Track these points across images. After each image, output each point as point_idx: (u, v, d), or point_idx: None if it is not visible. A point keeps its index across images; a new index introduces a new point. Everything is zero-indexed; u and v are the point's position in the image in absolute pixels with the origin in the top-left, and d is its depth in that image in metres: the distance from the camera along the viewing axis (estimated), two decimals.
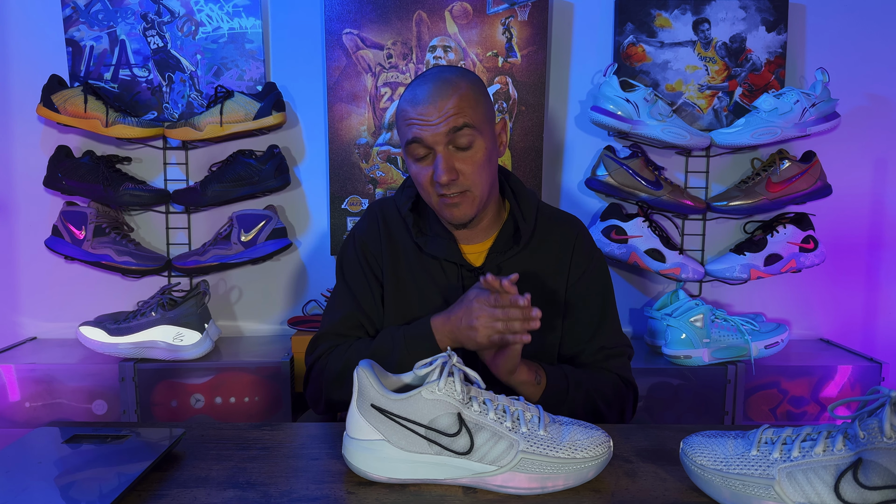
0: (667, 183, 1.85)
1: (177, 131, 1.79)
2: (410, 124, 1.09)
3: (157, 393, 1.69)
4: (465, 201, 1.11)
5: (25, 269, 1.93)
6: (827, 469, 0.70)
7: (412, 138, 1.09)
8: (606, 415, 1.15)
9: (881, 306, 2.04)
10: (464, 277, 1.18)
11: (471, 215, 1.13)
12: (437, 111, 1.07)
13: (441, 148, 1.08)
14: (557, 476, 0.78)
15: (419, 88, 1.10)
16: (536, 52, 1.87)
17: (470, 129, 1.08)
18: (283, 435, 0.95)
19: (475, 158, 1.10)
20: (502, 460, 0.78)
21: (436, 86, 1.09)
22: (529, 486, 0.78)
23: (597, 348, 1.19)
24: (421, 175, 1.12)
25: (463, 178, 1.09)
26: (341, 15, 1.84)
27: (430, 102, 1.08)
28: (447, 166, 1.08)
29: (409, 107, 1.10)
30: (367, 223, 1.26)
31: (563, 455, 0.78)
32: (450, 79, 1.10)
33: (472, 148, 1.10)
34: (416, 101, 1.09)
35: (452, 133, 1.07)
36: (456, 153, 1.09)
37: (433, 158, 1.10)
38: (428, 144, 1.08)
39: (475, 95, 1.11)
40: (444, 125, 1.07)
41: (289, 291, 1.97)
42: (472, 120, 1.08)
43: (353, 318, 1.20)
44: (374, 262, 1.22)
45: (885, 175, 1.99)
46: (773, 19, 1.88)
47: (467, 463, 0.78)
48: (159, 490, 0.78)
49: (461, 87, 1.09)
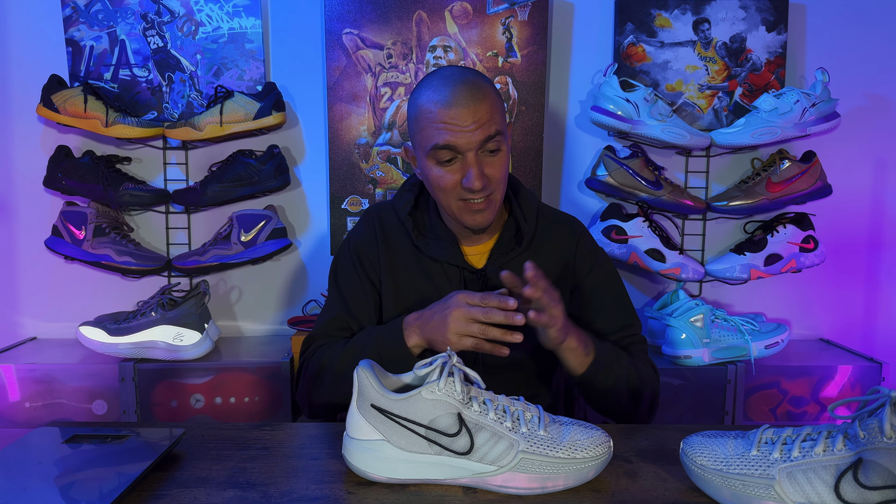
0: (667, 183, 1.85)
1: (177, 131, 1.79)
2: (442, 129, 1.06)
3: (157, 393, 1.69)
4: (489, 206, 1.11)
5: (25, 269, 1.93)
6: (827, 469, 0.70)
7: (443, 144, 1.06)
8: (643, 395, 1.14)
9: (881, 306, 2.04)
10: (466, 280, 1.18)
11: (492, 219, 1.14)
12: (472, 117, 1.05)
13: (472, 154, 1.07)
14: (557, 476, 0.78)
15: (447, 90, 1.07)
16: (536, 52, 1.86)
17: (500, 136, 1.08)
18: (283, 435, 0.95)
19: (502, 164, 1.10)
20: (502, 460, 0.78)
21: (468, 89, 1.07)
22: (529, 486, 0.78)
23: (621, 337, 1.20)
24: (445, 179, 1.09)
25: (490, 183, 1.09)
26: (341, 15, 1.84)
27: (465, 107, 1.05)
28: (480, 172, 1.07)
29: (436, 109, 1.07)
30: (364, 228, 1.25)
31: (563, 455, 0.78)
32: (478, 83, 1.09)
33: (501, 154, 1.10)
34: (446, 102, 1.06)
35: (486, 140, 1.07)
36: (485, 159, 1.09)
37: (460, 163, 1.08)
38: (460, 150, 1.07)
39: (500, 101, 1.11)
40: (479, 132, 1.06)
41: (289, 291, 1.97)
42: (501, 126, 1.09)
43: (342, 321, 1.20)
44: (371, 267, 1.21)
45: (885, 175, 1.99)
46: (773, 19, 1.88)
47: (467, 463, 0.78)
48: (159, 490, 0.78)
49: (490, 92, 1.09)
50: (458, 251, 1.18)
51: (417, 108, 1.10)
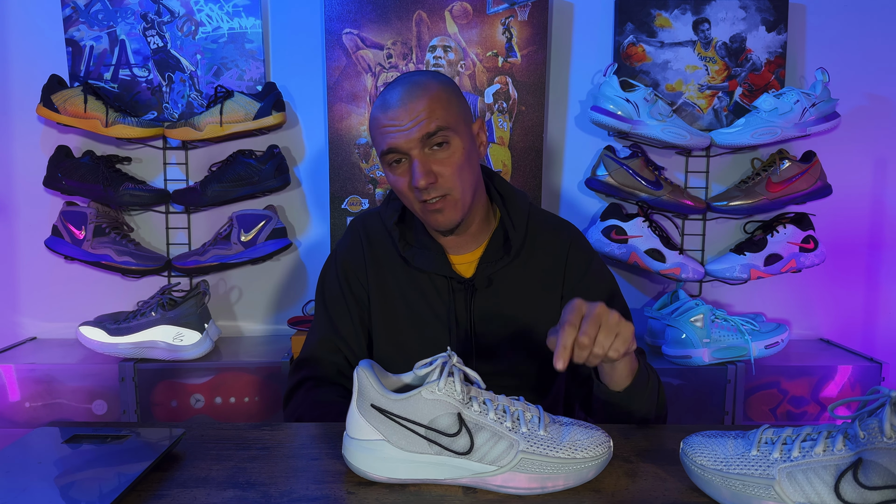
0: (667, 183, 1.85)
1: (177, 131, 1.79)
2: (383, 133, 1.06)
3: (157, 393, 1.69)
4: (447, 206, 1.08)
5: (25, 269, 1.93)
6: (827, 469, 0.70)
7: (387, 148, 1.06)
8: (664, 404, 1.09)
9: (881, 306, 2.04)
10: (454, 290, 1.16)
11: (456, 220, 1.10)
12: (408, 115, 1.04)
13: (416, 152, 1.05)
14: (557, 476, 0.78)
15: (387, 95, 1.08)
16: (536, 52, 1.86)
17: (444, 131, 1.05)
18: (283, 435, 0.95)
19: (452, 160, 1.07)
20: (502, 460, 0.78)
21: (405, 89, 1.06)
22: (529, 486, 0.78)
23: None
24: (399, 183, 1.09)
25: (442, 181, 1.06)
26: (341, 15, 1.84)
27: (401, 106, 1.05)
28: (424, 170, 1.05)
29: (380, 114, 1.07)
30: (350, 241, 1.23)
31: (563, 455, 0.78)
32: (418, 81, 1.08)
33: (449, 149, 1.07)
34: (386, 106, 1.06)
35: (426, 136, 1.05)
36: (432, 156, 1.06)
37: (409, 164, 1.07)
38: (402, 150, 1.06)
39: (446, 95, 1.08)
40: (417, 129, 1.04)
41: (289, 291, 1.97)
42: (445, 121, 1.06)
43: (330, 342, 1.19)
44: (357, 281, 1.20)
45: (885, 175, 1.98)
46: (773, 19, 1.88)
47: (467, 463, 0.78)
48: (159, 490, 0.78)
49: (430, 88, 1.07)
50: (446, 261, 1.15)
51: (371, 118, 1.11)
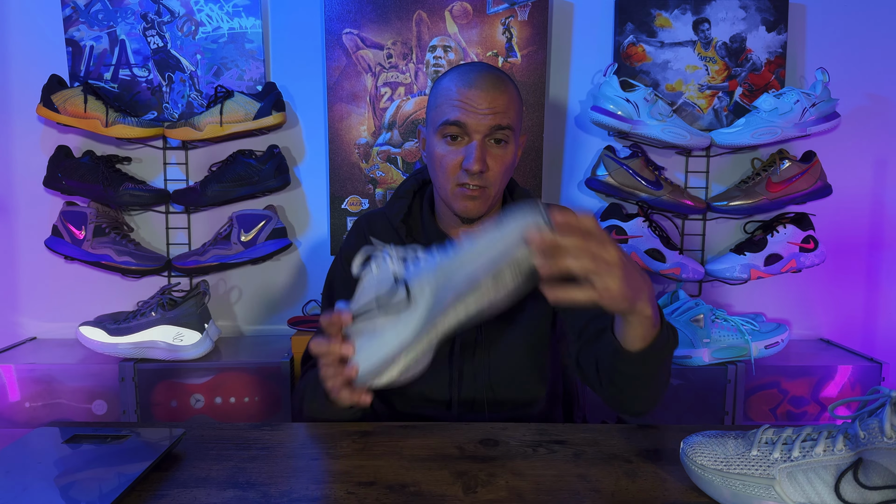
0: (667, 183, 1.85)
1: (177, 131, 1.79)
2: (456, 105, 1.09)
3: (156, 393, 1.69)
4: (482, 196, 1.12)
5: (25, 269, 1.93)
6: (827, 469, 0.70)
7: (454, 120, 1.09)
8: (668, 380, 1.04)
9: (881, 306, 2.03)
10: None
11: (482, 211, 1.14)
12: (487, 101, 1.08)
13: (479, 137, 1.09)
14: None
15: (471, 73, 1.10)
16: (536, 52, 1.86)
17: (509, 130, 1.10)
18: (283, 435, 0.95)
19: (504, 159, 1.12)
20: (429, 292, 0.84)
21: (491, 77, 1.10)
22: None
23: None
24: (448, 158, 1.11)
25: (489, 174, 1.10)
26: (341, 15, 1.84)
27: (484, 90, 1.08)
28: (482, 156, 1.08)
29: (455, 87, 1.10)
30: (354, 239, 1.25)
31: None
32: (502, 77, 1.12)
33: (506, 149, 1.11)
34: (467, 83, 1.09)
35: (495, 128, 1.09)
36: (490, 148, 1.10)
37: (465, 144, 1.10)
38: (469, 130, 1.09)
39: (519, 102, 1.14)
40: (492, 118, 1.08)
41: (289, 291, 1.97)
42: (513, 123, 1.11)
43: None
44: None
45: (885, 175, 1.98)
46: (773, 19, 1.88)
47: (416, 312, 0.84)
48: (159, 490, 0.78)
49: (511, 88, 1.12)
50: None
51: (438, 88, 1.14)
